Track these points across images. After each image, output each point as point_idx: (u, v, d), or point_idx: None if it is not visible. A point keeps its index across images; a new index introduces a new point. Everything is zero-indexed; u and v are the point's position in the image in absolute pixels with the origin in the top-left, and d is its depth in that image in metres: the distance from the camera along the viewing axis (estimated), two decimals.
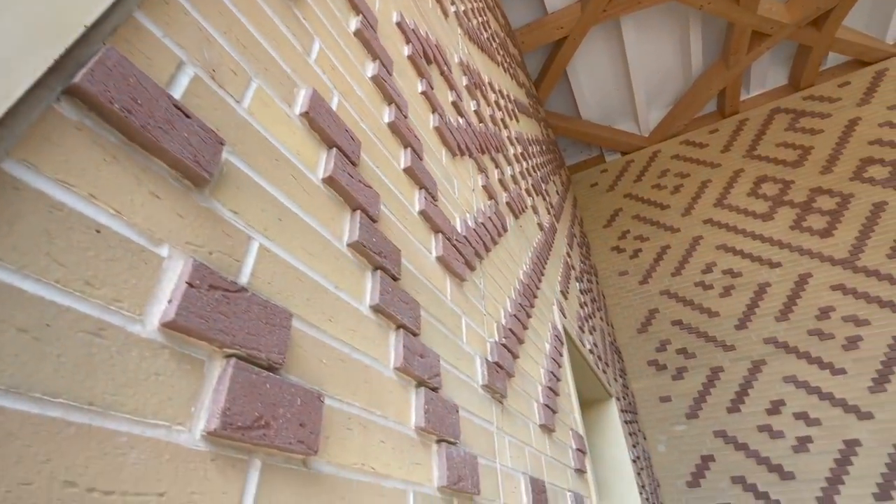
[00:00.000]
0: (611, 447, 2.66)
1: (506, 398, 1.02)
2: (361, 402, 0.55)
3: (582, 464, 1.46)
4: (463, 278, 1.00)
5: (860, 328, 4.00)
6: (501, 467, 0.88)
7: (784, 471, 3.74)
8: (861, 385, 3.79)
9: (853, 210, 4.54)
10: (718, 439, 4.08)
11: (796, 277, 4.47)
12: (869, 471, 3.50)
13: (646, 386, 4.62)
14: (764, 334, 4.35)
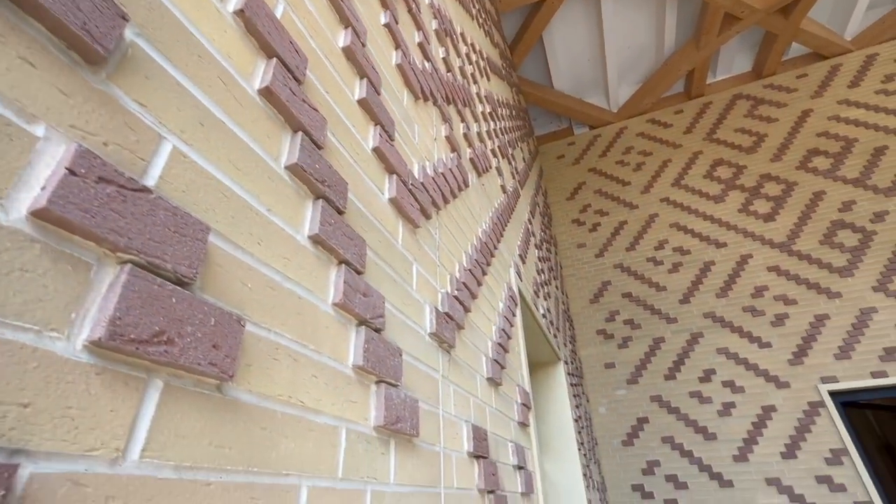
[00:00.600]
0: (555, 406, 2.79)
1: (454, 348, 1.01)
2: (292, 334, 0.51)
3: (526, 418, 1.51)
4: (417, 225, 0.96)
5: (788, 307, 4.34)
6: (445, 414, 0.88)
7: (708, 432, 4.09)
8: (782, 358, 4.15)
9: (795, 197, 4.82)
10: (654, 403, 4.39)
11: (738, 258, 4.75)
12: (780, 433, 3.88)
13: (593, 353, 4.86)
14: (704, 309, 4.64)
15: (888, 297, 4.05)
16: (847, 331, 4.05)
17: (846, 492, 3.54)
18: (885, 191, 4.50)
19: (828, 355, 4.02)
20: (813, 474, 3.67)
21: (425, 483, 0.73)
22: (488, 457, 1.03)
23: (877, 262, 4.22)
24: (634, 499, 4.06)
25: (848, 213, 4.54)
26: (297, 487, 0.46)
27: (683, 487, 3.96)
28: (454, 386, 0.96)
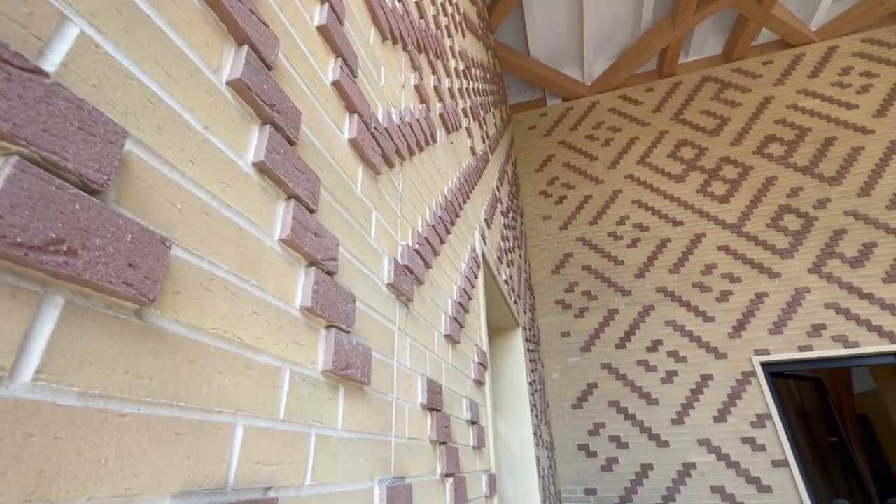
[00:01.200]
0: (512, 370, 2.87)
1: (412, 302, 0.99)
2: (230, 266, 0.47)
3: (482, 377, 1.54)
4: (378, 171, 0.91)
5: (733, 284, 4.61)
6: (399, 365, 0.87)
7: (651, 397, 4.37)
8: (723, 331, 4.44)
9: (749, 181, 5.04)
10: (604, 370, 4.62)
11: (692, 236, 4.97)
12: (714, 399, 4.20)
13: (551, 321, 5.02)
14: (657, 283, 4.85)
15: (821, 279, 4.37)
16: (782, 308, 4.36)
17: (766, 451, 3.91)
18: (830, 179, 4.78)
19: (763, 330, 4.33)
20: (739, 436, 4.01)
21: (375, 431, 0.72)
22: (442, 410, 1.04)
23: (815, 246, 4.53)
24: (580, 457, 4.33)
25: (794, 198, 4.80)
26: (232, 426, 0.43)
27: (625, 447, 4.24)
28: (411, 339, 0.95)
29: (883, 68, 5.11)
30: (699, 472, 3.98)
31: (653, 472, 4.09)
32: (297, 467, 0.52)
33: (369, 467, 0.68)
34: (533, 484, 2.55)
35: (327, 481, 0.57)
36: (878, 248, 4.35)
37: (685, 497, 3.94)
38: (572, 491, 4.23)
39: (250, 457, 0.45)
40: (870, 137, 4.84)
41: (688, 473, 4.00)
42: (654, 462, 4.11)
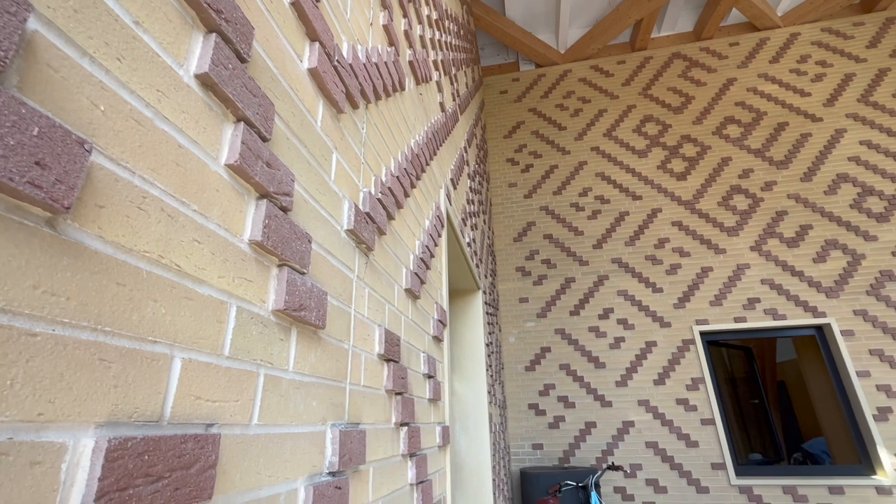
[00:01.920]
0: (470, 331, 2.93)
1: (373, 252, 0.96)
2: (167, 186, 0.42)
3: (440, 333, 1.55)
4: (341, 110, 0.85)
5: (682, 258, 4.86)
6: (357, 314, 0.85)
7: (599, 361, 4.62)
8: (669, 302, 4.71)
9: (706, 160, 5.23)
10: (557, 335, 4.82)
11: (649, 211, 5.15)
12: (656, 363, 4.50)
13: (511, 288, 5.14)
14: (613, 255, 5.04)
15: (760, 256, 4.68)
16: (723, 282, 4.66)
17: (697, 411, 4.27)
18: (778, 163, 5.04)
19: (704, 301, 4.63)
20: (675, 397, 4.35)
21: (330, 376, 0.71)
22: (399, 362, 1.04)
23: (758, 226, 4.82)
24: (529, 415, 4.56)
25: (745, 179, 5.05)
26: (168, 357, 0.40)
27: (571, 406, 4.50)
28: (370, 289, 0.92)
29: (837, 59, 5.35)
30: (637, 430, 4.31)
31: (595, 429, 4.38)
32: (244, 406, 0.49)
33: (322, 411, 0.67)
34: (485, 439, 2.67)
35: (277, 422, 0.55)
36: (812, 230, 4.69)
37: (622, 451, 4.26)
38: (521, 446, 4.47)
39: (190, 391, 0.42)
40: (818, 125, 5.11)
41: (626, 430, 4.32)
42: (598, 420, 4.40)
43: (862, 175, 4.79)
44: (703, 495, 4.00)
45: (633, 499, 4.09)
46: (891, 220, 4.55)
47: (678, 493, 4.04)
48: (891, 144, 4.85)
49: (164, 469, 0.36)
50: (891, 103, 5.03)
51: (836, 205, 4.73)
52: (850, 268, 4.46)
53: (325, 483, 0.63)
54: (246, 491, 0.48)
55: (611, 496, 4.13)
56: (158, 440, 0.37)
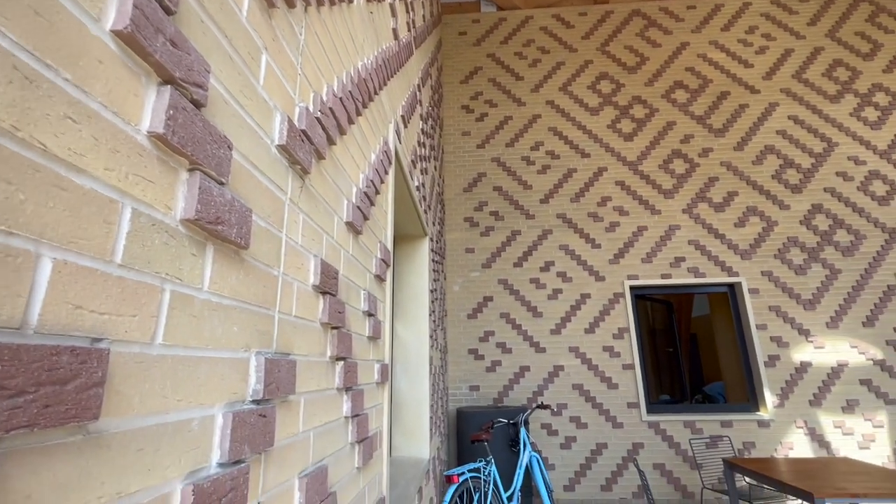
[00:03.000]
0: (415, 276, 2.93)
1: (309, 175, 0.88)
2: (22, 38, 0.33)
3: (383, 273, 1.51)
4: (272, 3, 0.73)
5: (622, 217, 5.09)
6: (289, 240, 0.78)
7: (537, 311, 4.86)
8: (606, 258, 4.97)
9: (653, 123, 5.39)
10: (500, 285, 4.97)
11: (596, 169, 5.28)
12: (588, 314, 4.80)
13: (458, 237, 5.16)
14: (558, 210, 5.17)
15: (690, 219, 5.01)
16: (655, 241, 4.97)
17: (620, 357, 4.66)
18: (716, 131, 5.30)
19: (637, 258, 4.93)
20: (602, 345, 4.71)
21: (256, 302, 0.65)
22: (336, 296, 0.99)
23: (692, 190, 5.11)
24: (469, 360, 4.76)
25: (686, 144, 5.28)
26: (32, 255, 0.32)
27: (508, 352, 4.75)
28: (305, 216, 0.85)
29: (780, 33, 5.57)
30: (566, 373, 4.65)
31: (529, 372, 4.68)
32: (144, 322, 0.43)
33: (246, 338, 0.62)
34: (424, 380, 2.75)
35: (189, 344, 0.49)
36: (738, 197, 5.05)
37: (551, 392, 4.61)
38: (459, 388, 4.69)
39: (66, 298, 0.35)
40: (755, 97, 5.38)
41: (556, 374, 4.65)
42: (531, 364, 4.69)
43: (785, 148, 5.17)
44: (617, 430, 4.46)
45: (558, 434, 4.48)
46: (803, 192, 5.00)
47: (596, 428, 4.47)
48: (813, 121, 5.23)
49: (26, 383, 0.30)
50: (819, 81, 5.37)
51: (760, 174, 5.10)
52: (764, 233, 4.90)
53: (248, 411, 0.59)
54: (149, 415, 0.43)
55: (538, 431, 4.50)
56: (18, 349, 0.30)
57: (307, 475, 0.79)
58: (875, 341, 4.49)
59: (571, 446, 4.44)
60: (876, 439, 4.25)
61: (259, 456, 0.64)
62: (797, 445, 4.29)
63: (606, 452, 4.40)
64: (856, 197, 4.93)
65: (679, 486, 4.29)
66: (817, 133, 5.18)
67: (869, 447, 4.24)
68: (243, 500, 0.57)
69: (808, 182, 5.02)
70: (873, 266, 4.70)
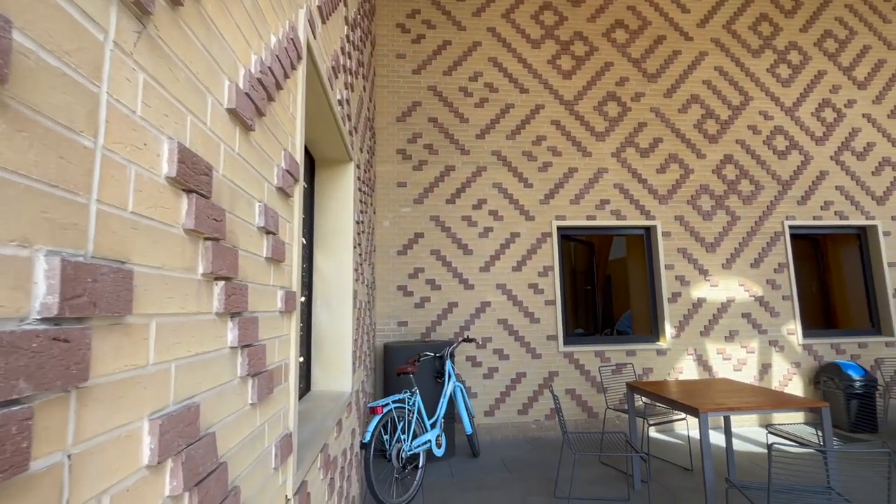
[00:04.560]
0: (338, 205, 2.69)
1: (151, 16, 0.63)
2: None
3: (289, 188, 1.29)
4: None
5: (555, 157, 5.09)
6: (115, 102, 0.55)
7: (468, 248, 4.84)
8: (536, 197, 5.00)
9: (592, 62, 5.30)
10: (432, 222, 4.85)
11: (533, 106, 5.16)
12: (517, 253, 4.89)
13: (390, 170, 4.88)
14: (494, 147, 5.04)
15: (618, 163, 5.14)
16: (584, 183, 5.07)
17: (543, 294, 4.86)
18: (650, 76, 5.35)
19: (566, 199, 5.02)
20: (527, 282, 4.85)
21: (41, 177, 0.43)
22: (209, 198, 0.78)
23: (622, 134, 5.20)
24: (397, 296, 4.69)
25: (621, 87, 5.29)
26: None
27: (437, 289, 4.74)
28: (147, 76, 0.61)
29: None
30: (492, 309, 4.77)
31: (457, 308, 4.73)
32: None
33: (21, 228, 0.41)
34: (347, 314, 2.61)
35: None
36: (662, 144, 5.24)
37: (477, 326, 4.73)
38: (387, 323, 4.65)
39: None
40: (688, 45, 5.45)
41: (483, 310, 4.76)
42: (459, 301, 4.74)
43: (709, 99, 5.37)
44: (536, 360, 4.74)
45: (481, 365, 4.67)
46: (718, 143, 5.30)
47: (517, 359, 4.72)
48: (735, 74, 5.45)
49: None
50: (745, 34, 5.54)
51: (684, 123, 5.30)
52: (681, 180, 5.19)
53: (26, 332, 0.40)
54: None
55: (463, 364, 4.66)
56: None
57: (164, 416, 0.62)
58: (758, 280, 5.09)
59: (493, 376, 4.67)
60: (747, 363, 4.95)
61: (64, 395, 0.45)
62: (686, 370, 4.87)
63: (525, 381, 4.69)
64: (760, 150, 5.33)
65: (586, 407, 4.73)
66: (737, 86, 5.43)
67: (741, 370, 4.93)
68: (25, 453, 0.39)
69: (723, 133, 5.32)
70: (766, 214, 5.21)
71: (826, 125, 5.45)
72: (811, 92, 5.50)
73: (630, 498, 3.13)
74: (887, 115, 5.54)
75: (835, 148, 5.41)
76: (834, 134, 5.44)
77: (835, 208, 5.29)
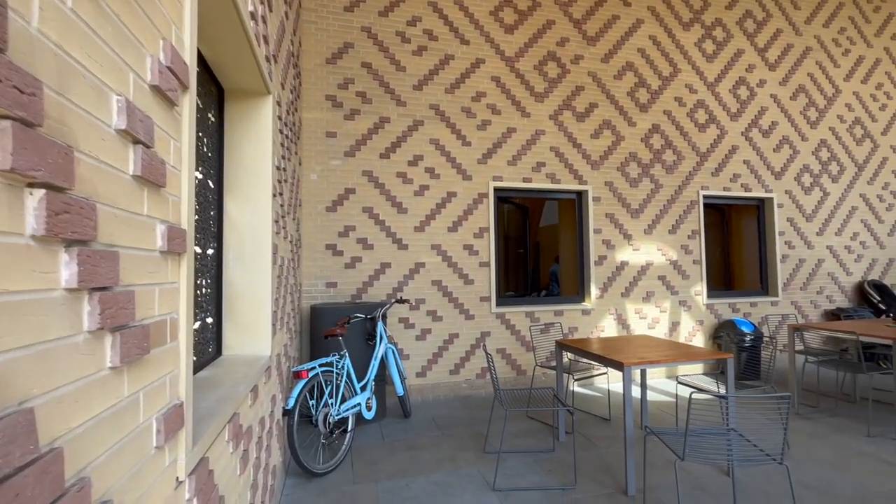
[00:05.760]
0: (253, 145, 2.32)
1: None
2: None
3: (175, 93, 0.99)
4: None
5: (494, 115, 4.94)
6: None
7: (402, 207, 4.61)
8: (475, 156, 4.85)
9: (534, 18, 5.13)
10: (364, 177, 4.53)
11: (474, 59, 4.91)
12: (453, 213, 4.75)
13: (318, 118, 4.43)
14: (432, 100, 4.76)
15: (555, 125, 5.12)
16: (522, 144, 5.00)
17: (478, 255, 4.80)
18: (590, 38, 5.31)
19: (503, 160, 4.93)
20: (463, 243, 4.76)
21: None
22: (5, 52, 0.50)
23: (560, 96, 5.16)
24: (326, 255, 4.38)
25: (561, 48, 5.20)
26: None
27: (370, 248, 4.49)
28: None
29: None
30: (426, 270, 4.64)
31: (390, 269, 4.54)
32: None
33: None
34: (265, 271, 2.31)
35: None
36: (597, 109, 5.28)
37: (410, 288, 4.59)
38: (314, 284, 4.34)
39: None
40: (626, 10, 5.45)
41: (417, 271, 4.61)
42: (393, 261, 4.54)
43: (642, 67, 5.48)
44: (469, 321, 4.73)
45: (414, 327, 4.57)
46: (648, 112, 5.46)
47: (451, 320, 4.68)
48: (667, 45, 5.59)
49: None
50: (678, 6, 5.67)
51: (618, 90, 5.38)
52: (613, 146, 5.31)
53: None
54: None
55: (395, 325, 4.52)
56: None
57: None
58: (674, 245, 5.45)
59: (426, 338, 4.60)
60: (660, 321, 5.35)
61: None
62: (607, 328, 5.16)
63: (457, 342, 4.68)
64: (684, 122, 5.59)
65: (515, 366, 4.85)
66: (668, 57, 5.58)
67: (655, 328, 5.33)
68: None
69: (653, 103, 5.49)
70: (685, 184, 5.53)
71: (740, 102, 5.83)
72: (730, 69, 5.82)
73: (555, 449, 3.26)
74: (790, 97, 6.05)
75: (746, 124, 5.83)
76: (746, 111, 5.84)
77: (741, 181, 5.76)
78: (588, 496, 2.59)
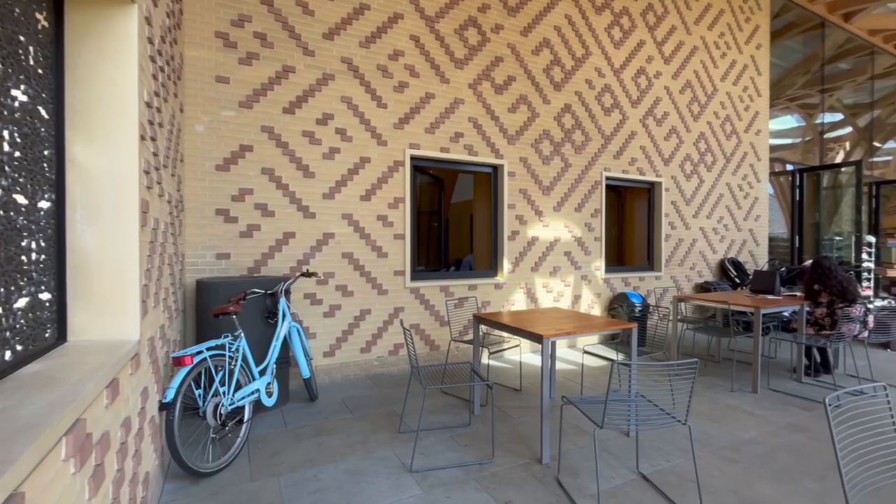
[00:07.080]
0: (110, 67, 1.77)
1: None
2: None
3: None
4: None
5: (412, 78, 4.62)
6: None
7: (309, 170, 4.13)
8: (391, 120, 4.51)
9: None
10: (264, 134, 3.95)
11: (391, 13, 4.51)
12: (366, 181, 4.39)
13: (205, 57, 3.71)
14: (344, 53, 4.29)
15: (474, 95, 4.97)
16: (441, 112, 4.78)
17: (392, 227, 4.54)
18: (510, 9, 5.20)
19: (421, 127, 4.67)
20: (376, 214, 4.45)
21: None
22: None
23: (480, 65, 5.01)
24: (216, 221, 3.77)
25: (482, 14, 5.02)
26: None
27: (270, 216, 3.97)
28: None
29: None
30: (336, 241, 4.26)
31: (294, 239, 4.07)
32: None
33: None
34: (131, 234, 1.82)
35: None
36: (515, 83, 5.25)
37: (318, 261, 4.18)
38: (201, 255, 3.72)
39: None
40: None
41: (326, 242, 4.21)
42: (298, 231, 4.08)
43: (558, 45, 5.55)
44: (382, 296, 4.49)
45: (322, 303, 4.19)
46: (561, 91, 5.58)
47: (362, 296, 4.38)
48: (581, 27, 5.72)
49: None
50: None
51: (535, 65, 5.39)
52: (528, 122, 5.34)
53: None
54: None
55: (300, 302, 4.10)
56: None
57: None
58: (579, 223, 5.73)
59: (335, 314, 4.26)
60: (564, 295, 5.64)
61: None
62: (518, 301, 5.29)
63: (369, 318, 4.42)
64: (592, 104, 5.83)
65: (429, 341, 4.75)
66: (581, 39, 5.73)
67: (559, 301, 5.60)
68: None
69: (566, 83, 5.61)
70: (590, 164, 5.81)
71: (640, 90, 6.25)
72: (633, 58, 6.19)
73: (471, 423, 3.22)
74: (679, 91, 6.65)
75: (643, 112, 6.28)
76: (644, 99, 6.29)
77: (637, 165, 6.23)
78: (505, 468, 2.57)
